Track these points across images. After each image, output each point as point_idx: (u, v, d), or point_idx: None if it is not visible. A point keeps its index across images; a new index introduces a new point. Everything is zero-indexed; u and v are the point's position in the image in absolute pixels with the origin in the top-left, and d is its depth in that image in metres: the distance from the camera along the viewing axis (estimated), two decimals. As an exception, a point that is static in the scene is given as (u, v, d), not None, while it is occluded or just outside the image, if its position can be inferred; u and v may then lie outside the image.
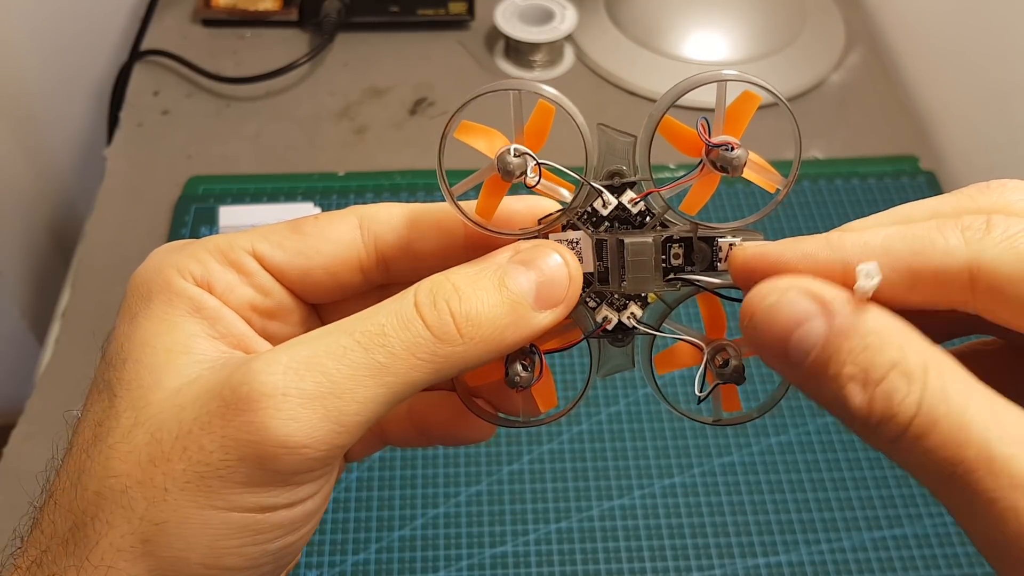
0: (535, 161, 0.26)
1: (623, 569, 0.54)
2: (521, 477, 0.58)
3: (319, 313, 0.31)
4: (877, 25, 0.90)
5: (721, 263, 0.27)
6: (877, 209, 0.24)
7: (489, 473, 0.58)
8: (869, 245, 0.22)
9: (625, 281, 0.27)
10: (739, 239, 0.27)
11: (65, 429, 0.27)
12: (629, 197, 0.27)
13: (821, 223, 0.70)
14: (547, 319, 0.26)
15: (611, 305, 0.28)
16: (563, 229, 0.27)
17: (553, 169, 0.26)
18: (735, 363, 0.27)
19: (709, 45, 0.83)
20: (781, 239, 0.24)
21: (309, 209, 0.71)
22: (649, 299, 0.28)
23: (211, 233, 0.58)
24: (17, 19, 0.88)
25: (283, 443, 0.23)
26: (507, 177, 0.26)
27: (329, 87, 0.82)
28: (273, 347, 0.25)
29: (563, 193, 0.27)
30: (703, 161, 0.26)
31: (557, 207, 0.28)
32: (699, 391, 0.28)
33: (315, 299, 0.30)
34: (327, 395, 0.23)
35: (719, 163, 0.26)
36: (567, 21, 0.81)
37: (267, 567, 0.25)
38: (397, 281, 0.29)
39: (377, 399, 0.24)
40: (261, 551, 0.25)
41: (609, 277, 0.27)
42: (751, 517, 0.56)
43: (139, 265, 0.28)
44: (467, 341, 0.25)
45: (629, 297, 0.28)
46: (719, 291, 0.27)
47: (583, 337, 0.28)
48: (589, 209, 0.27)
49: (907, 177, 0.75)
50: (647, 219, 0.27)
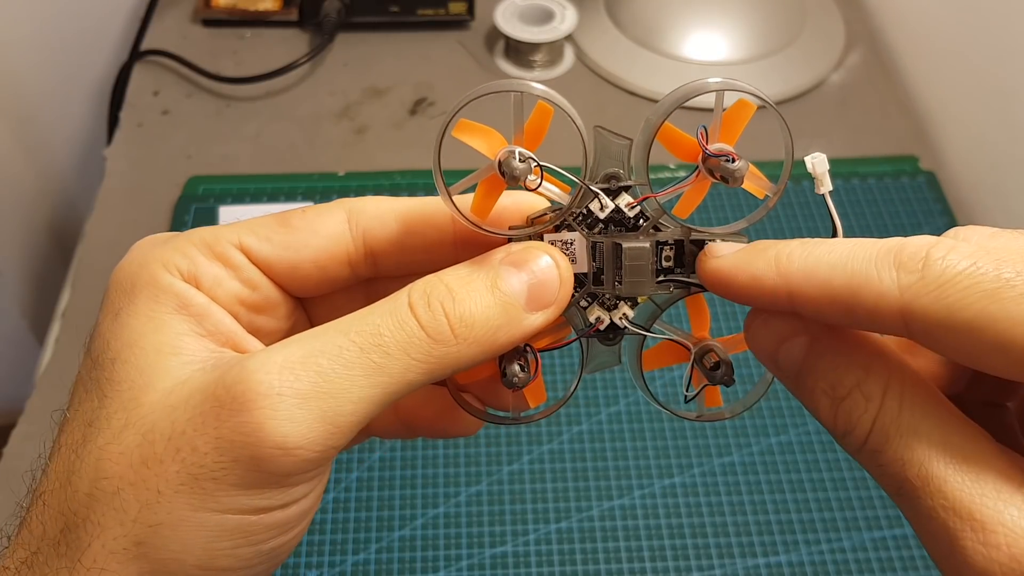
0: (536, 164, 0.26)
1: (623, 569, 0.54)
2: (521, 477, 0.58)
3: (306, 307, 0.30)
4: (877, 25, 0.90)
5: None
6: (877, 209, 0.25)
7: (489, 473, 0.58)
8: (812, 277, 0.23)
9: (622, 284, 0.27)
10: (727, 243, 0.27)
11: (51, 428, 0.26)
12: (626, 201, 0.27)
13: (821, 222, 0.70)
14: (538, 320, 0.26)
15: (602, 305, 0.28)
16: (557, 230, 0.27)
17: (552, 172, 0.26)
18: (726, 367, 0.28)
19: (709, 45, 0.83)
20: (756, 241, 0.26)
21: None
22: (639, 299, 0.28)
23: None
24: (17, 19, 0.88)
25: (279, 444, 0.23)
26: (512, 182, 0.26)
27: (329, 87, 0.82)
28: (266, 346, 0.25)
29: (560, 194, 0.27)
30: (699, 168, 0.26)
31: (546, 204, 0.28)
32: (686, 390, 0.28)
33: (303, 293, 0.29)
34: (322, 395, 0.23)
35: (718, 172, 0.26)
36: (567, 21, 0.81)
37: (260, 567, 0.25)
38: (385, 275, 0.30)
39: (372, 399, 0.24)
40: (255, 552, 0.24)
41: (604, 279, 0.27)
42: (751, 517, 0.56)
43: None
44: (461, 342, 0.25)
45: (620, 297, 0.28)
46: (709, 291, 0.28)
47: (576, 337, 0.28)
48: (584, 211, 0.27)
49: (907, 177, 0.75)
50: (641, 222, 0.27)
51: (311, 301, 0.30)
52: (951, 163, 0.79)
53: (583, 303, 0.28)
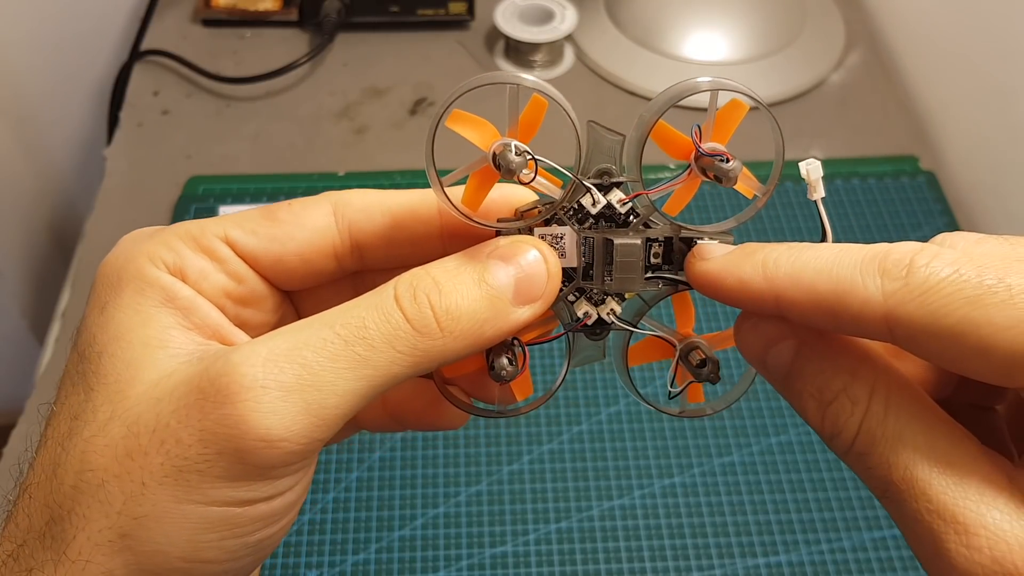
0: (531, 157, 0.26)
1: (623, 569, 0.54)
2: (521, 477, 0.58)
3: (294, 301, 0.30)
4: (877, 25, 0.90)
5: None
6: (877, 209, 0.25)
7: (489, 473, 0.58)
8: (798, 282, 0.23)
9: (612, 280, 0.27)
10: (716, 241, 0.27)
11: (39, 422, 0.26)
12: (617, 197, 0.27)
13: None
14: (526, 314, 0.26)
15: (590, 300, 0.28)
16: (548, 224, 0.27)
17: (546, 166, 0.26)
18: (711, 365, 0.28)
19: (709, 45, 0.83)
20: (744, 244, 0.26)
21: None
22: (626, 295, 0.28)
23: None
24: (17, 19, 0.88)
25: (262, 436, 0.23)
26: (507, 175, 0.26)
27: (329, 87, 0.82)
28: (251, 339, 0.25)
29: (551, 188, 0.27)
30: (691, 166, 0.26)
31: (534, 197, 0.28)
32: (671, 386, 0.29)
33: (289, 286, 0.29)
34: (307, 387, 0.23)
35: (711, 172, 0.26)
36: (567, 21, 0.81)
37: (246, 559, 0.25)
38: (371, 268, 0.30)
39: (356, 392, 0.24)
40: (240, 544, 0.24)
41: (593, 274, 0.28)
42: (751, 517, 0.56)
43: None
44: (447, 335, 0.25)
45: (608, 293, 0.28)
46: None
47: (564, 331, 0.28)
48: (575, 205, 0.27)
49: (907, 177, 0.75)
50: (631, 219, 0.27)
51: (299, 294, 0.30)
52: (951, 163, 0.79)
53: (571, 298, 0.28)
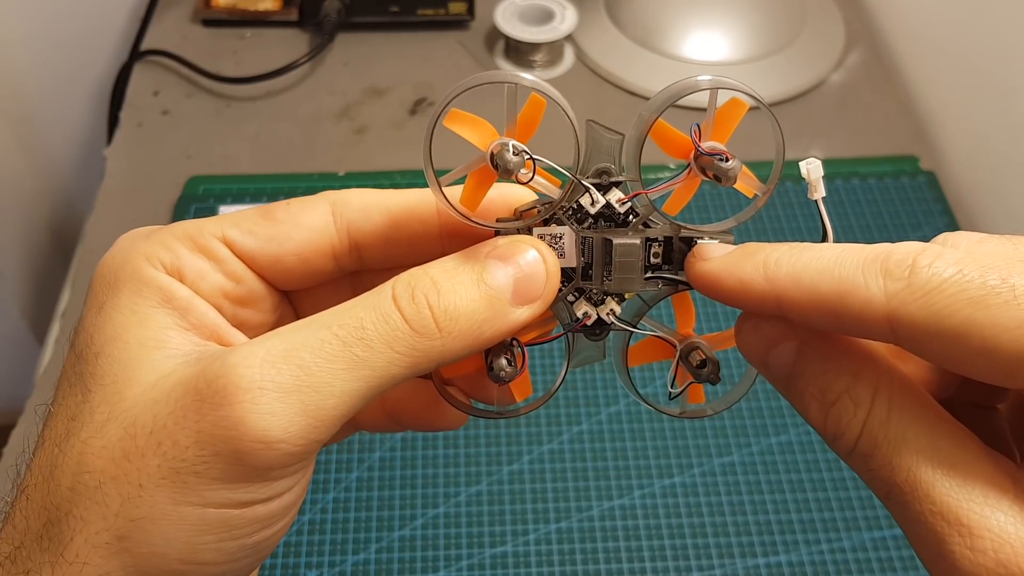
0: (529, 157, 0.26)
1: (623, 569, 0.54)
2: (521, 477, 0.58)
3: (292, 301, 0.30)
4: (877, 25, 0.90)
5: None
6: (877, 209, 0.25)
7: (489, 473, 0.58)
8: (800, 282, 0.23)
9: (611, 280, 0.27)
10: (716, 241, 0.27)
11: (36, 423, 0.26)
12: (617, 197, 0.27)
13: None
14: (524, 314, 0.26)
15: (590, 300, 0.28)
16: (547, 223, 0.27)
17: (544, 165, 0.26)
18: (712, 365, 0.28)
19: (709, 45, 0.83)
20: (745, 244, 0.25)
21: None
22: (626, 295, 0.28)
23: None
24: (17, 19, 0.88)
25: (260, 438, 0.23)
26: (505, 175, 0.25)
27: (329, 87, 0.82)
28: (249, 339, 0.25)
29: (550, 188, 0.27)
30: (690, 165, 0.26)
31: (533, 197, 0.28)
32: (671, 387, 0.28)
33: (287, 286, 0.29)
34: (304, 388, 0.23)
35: (711, 171, 0.26)
36: (567, 21, 0.81)
37: (244, 561, 0.25)
38: (369, 268, 0.29)
39: (355, 393, 0.24)
40: (238, 545, 0.24)
41: (592, 274, 0.27)
42: (751, 517, 0.56)
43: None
44: (445, 335, 0.24)
45: (607, 293, 0.28)
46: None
47: (563, 331, 0.28)
48: (574, 205, 0.27)
49: (907, 177, 0.75)
50: (631, 218, 0.27)
51: (297, 294, 0.30)
52: (951, 163, 0.79)
53: (570, 298, 0.28)
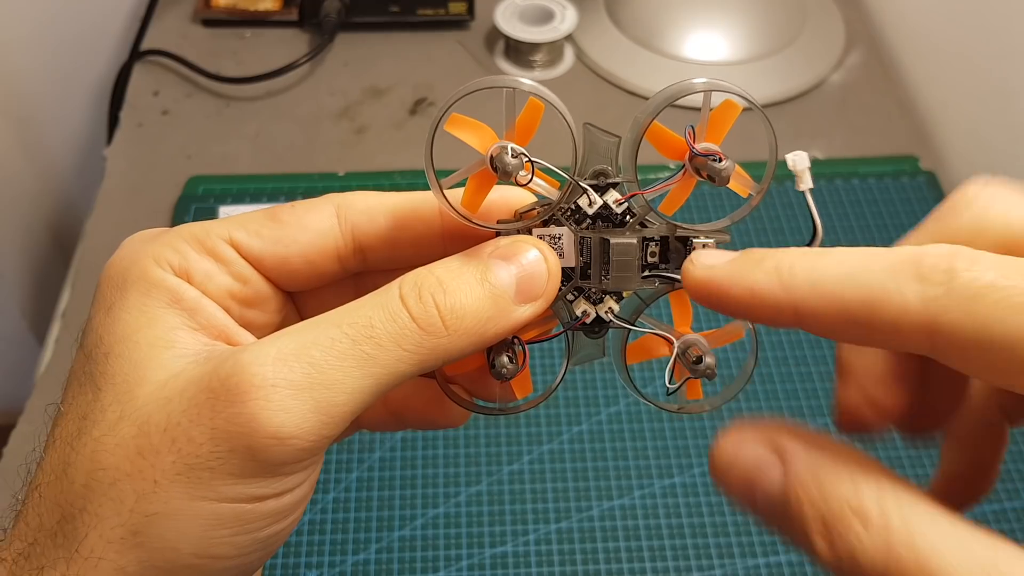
0: (528, 159, 0.26)
1: (623, 569, 0.54)
2: (521, 477, 0.58)
3: (296, 301, 0.31)
4: (877, 25, 0.90)
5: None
6: (877, 209, 0.25)
7: (489, 473, 0.58)
8: (821, 291, 0.21)
9: (608, 279, 0.28)
10: (712, 240, 0.28)
11: (45, 422, 0.27)
12: (614, 197, 0.28)
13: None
14: (527, 312, 0.26)
15: (588, 299, 0.29)
16: (546, 224, 0.28)
17: (543, 167, 0.27)
18: (709, 362, 0.28)
19: (709, 45, 0.83)
20: (743, 251, 0.24)
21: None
22: (624, 293, 0.29)
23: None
24: (17, 19, 0.89)
25: (273, 434, 0.23)
26: (503, 177, 0.26)
27: (329, 87, 0.82)
28: (259, 339, 0.25)
29: (549, 190, 0.28)
30: (685, 166, 0.27)
31: (533, 199, 0.28)
32: (668, 383, 0.29)
33: (292, 287, 0.30)
34: (316, 386, 0.24)
35: (704, 171, 0.26)
36: (567, 21, 0.81)
37: (256, 555, 0.25)
38: (374, 269, 0.30)
39: (364, 390, 0.24)
40: (251, 540, 0.25)
41: (591, 274, 0.28)
42: (751, 517, 0.56)
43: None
44: (452, 333, 0.25)
45: (606, 292, 0.29)
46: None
47: (563, 329, 0.29)
48: (573, 206, 0.28)
49: (907, 177, 0.75)
50: (628, 219, 0.28)
51: (301, 295, 0.31)
52: (951, 163, 0.79)
53: (570, 297, 0.29)
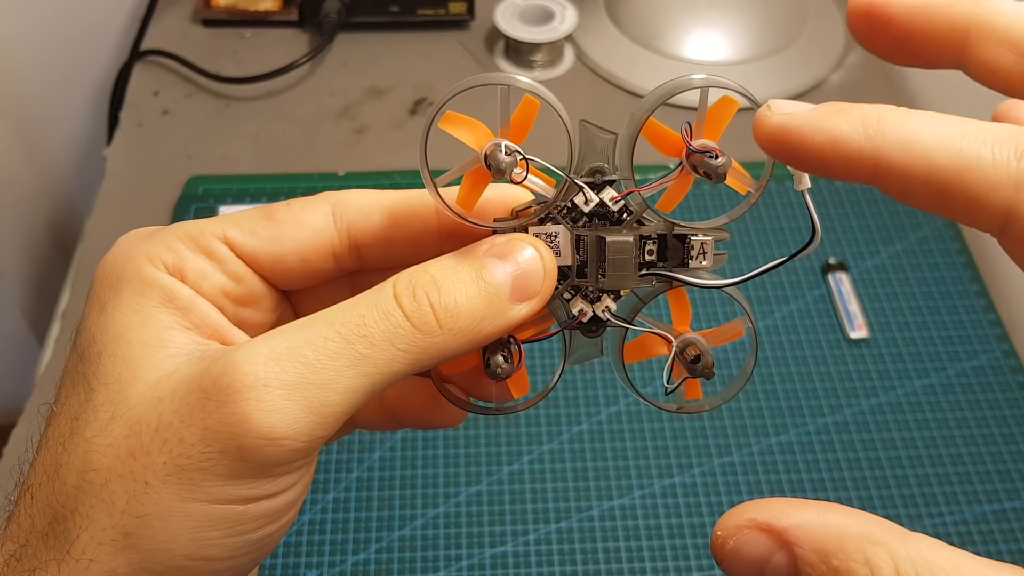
0: (522, 157, 0.26)
1: (623, 569, 0.54)
2: (521, 477, 0.58)
3: (291, 300, 0.31)
4: (877, 25, 0.90)
5: (693, 260, 0.28)
6: (877, 209, 0.24)
7: (489, 473, 0.58)
8: (910, 149, 0.20)
9: (604, 277, 0.28)
10: (710, 237, 0.27)
11: (39, 423, 0.26)
12: (610, 195, 0.27)
13: (820, 222, 0.70)
14: (523, 311, 0.26)
15: (585, 298, 0.28)
16: (542, 222, 0.27)
17: (538, 165, 0.27)
18: (707, 361, 0.28)
19: (709, 45, 0.83)
20: (828, 102, 0.22)
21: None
22: (622, 292, 0.28)
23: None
24: (17, 19, 0.89)
25: (265, 435, 0.23)
26: (498, 175, 0.26)
27: (329, 87, 0.82)
28: (251, 338, 0.25)
29: (545, 187, 0.27)
30: (682, 163, 0.27)
31: (530, 197, 0.28)
32: (667, 382, 0.29)
33: (287, 286, 0.29)
34: (308, 385, 0.23)
35: (701, 168, 0.26)
36: (567, 21, 0.81)
37: (248, 556, 0.25)
38: (369, 267, 0.30)
39: (358, 389, 0.24)
40: (243, 541, 0.25)
41: (587, 272, 0.28)
42: (751, 517, 0.56)
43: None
44: (446, 332, 0.25)
45: (603, 290, 0.28)
46: (693, 286, 0.28)
47: (559, 328, 0.29)
48: (569, 204, 0.27)
49: (907, 177, 0.75)
50: (625, 216, 0.27)
51: (296, 294, 0.30)
52: (951, 163, 0.79)
53: (566, 295, 0.28)
